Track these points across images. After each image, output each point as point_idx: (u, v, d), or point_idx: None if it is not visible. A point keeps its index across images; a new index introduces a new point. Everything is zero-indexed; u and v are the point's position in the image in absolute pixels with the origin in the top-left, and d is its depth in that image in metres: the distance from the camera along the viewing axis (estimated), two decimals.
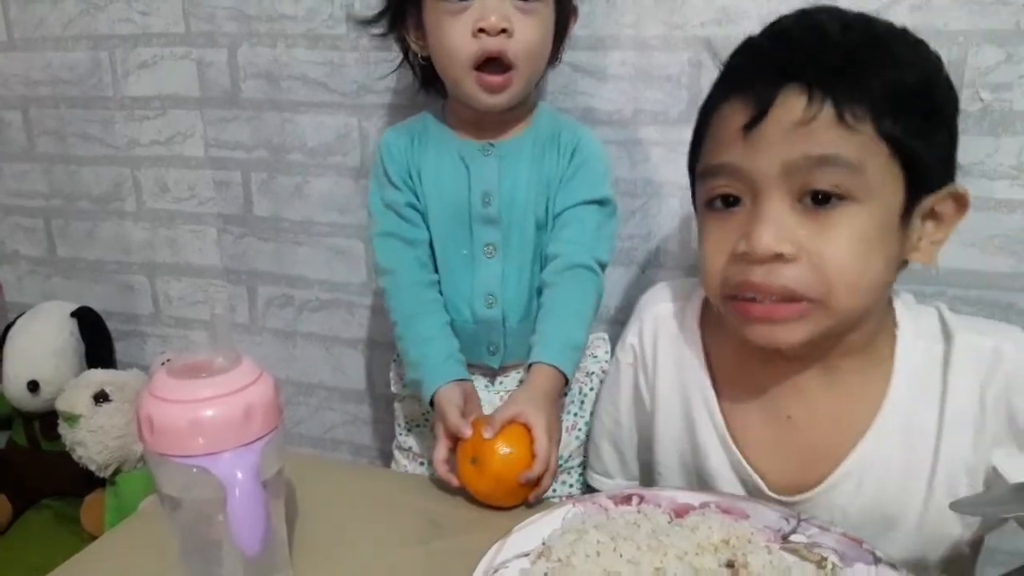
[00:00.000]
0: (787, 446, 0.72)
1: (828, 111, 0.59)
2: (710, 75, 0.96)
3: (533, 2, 0.83)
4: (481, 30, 0.81)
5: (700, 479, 0.76)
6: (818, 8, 0.65)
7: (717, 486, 0.74)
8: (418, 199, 0.89)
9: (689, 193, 0.72)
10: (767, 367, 0.71)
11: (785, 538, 0.62)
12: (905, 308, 0.70)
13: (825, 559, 0.59)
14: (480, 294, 0.89)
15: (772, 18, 0.92)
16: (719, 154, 0.64)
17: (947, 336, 0.68)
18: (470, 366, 0.89)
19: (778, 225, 0.61)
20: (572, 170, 0.89)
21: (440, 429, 0.80)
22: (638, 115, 1.03)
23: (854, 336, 0.66)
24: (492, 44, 0.82)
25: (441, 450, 0.79)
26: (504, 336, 0.91)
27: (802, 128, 0.59)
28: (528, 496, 0.76)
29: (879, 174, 0.60)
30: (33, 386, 1.30)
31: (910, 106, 0.60)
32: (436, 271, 0.90)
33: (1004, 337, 0.66)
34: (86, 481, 1.28)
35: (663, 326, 0.80)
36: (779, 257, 0.61)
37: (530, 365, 0.83)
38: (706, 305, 0.78)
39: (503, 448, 0.74)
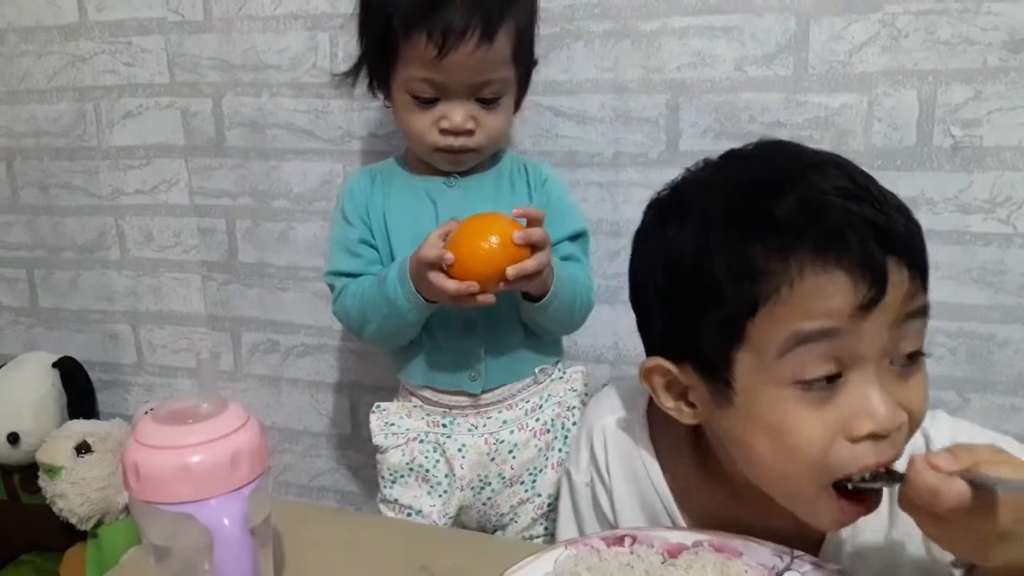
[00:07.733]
0: None
1: (919, 280, 0.60)
2: (687, 117, 1.00)
3: (495, 99, 0.86)
4: (445, 129, 0.84)
5: None
6: (836, 159, 0.65)
7: None
8: (373, 236, 0.91)
9: None
10: (736, 489, 0.71)
11: (779, 575, 0.62)
12: None
13: None
14: (458, 322, 0.89)
15: (745, 63, 0.96)
16: (821, 321, 0.58)
17: None
18: (452, 392, 0.90)
19: (891, 393, 0.59)
20: (552, 207, 0.90)
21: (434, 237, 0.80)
22: (619, 157, 1.05)
23: None
24: (456, 142, 0.86)
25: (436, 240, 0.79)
26: (485, 362, 0.91)
27: (908, 300, 0.59)
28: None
29: None
30: (13, 438, 1.28)
31: None
32: None
33: (928, 424, 0.66)
34: (67, 534, 1.25)
35: (612, 441, 0.78)
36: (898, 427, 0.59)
37: None
38: (651, 416, 0.76)
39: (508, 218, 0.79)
